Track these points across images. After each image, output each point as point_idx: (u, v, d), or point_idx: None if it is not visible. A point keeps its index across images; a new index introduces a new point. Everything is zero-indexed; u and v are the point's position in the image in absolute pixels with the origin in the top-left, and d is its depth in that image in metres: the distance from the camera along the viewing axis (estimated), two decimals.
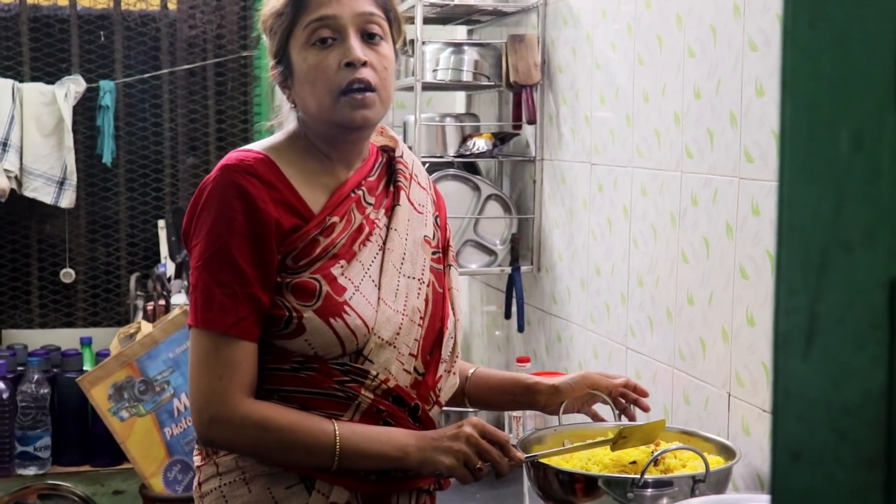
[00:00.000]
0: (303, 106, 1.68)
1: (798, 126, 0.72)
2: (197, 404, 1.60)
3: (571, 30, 2.72)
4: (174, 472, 2.87)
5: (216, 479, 1.67)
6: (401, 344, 1.67)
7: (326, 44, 1.63)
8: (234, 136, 4.04)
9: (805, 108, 0.71)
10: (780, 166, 0.73)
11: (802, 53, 0.71)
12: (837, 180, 0.69)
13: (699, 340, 2.11)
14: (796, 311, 0.72)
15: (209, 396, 1.58)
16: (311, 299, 1.60)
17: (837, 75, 0.69)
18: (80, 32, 3.90)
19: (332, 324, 1.60)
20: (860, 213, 0.67)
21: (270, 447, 1.60)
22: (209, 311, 1.58)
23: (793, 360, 0.72)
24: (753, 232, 1.93)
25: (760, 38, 1.90)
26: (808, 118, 0.71)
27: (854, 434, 0.68)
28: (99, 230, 3.98)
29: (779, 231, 0.73)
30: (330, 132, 1.68)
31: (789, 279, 0.72)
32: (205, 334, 1.59)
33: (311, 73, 1.64)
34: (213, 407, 1.58)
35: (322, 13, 1.63)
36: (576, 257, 2.72)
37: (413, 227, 1.75)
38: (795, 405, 0.72)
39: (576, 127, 2.71)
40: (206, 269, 1.58)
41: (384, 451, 1.62)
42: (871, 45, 0.66)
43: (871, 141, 0.66)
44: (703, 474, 1.70)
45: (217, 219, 1.59)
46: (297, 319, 1.60)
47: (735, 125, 1.98)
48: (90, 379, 2.88)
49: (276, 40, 1.68)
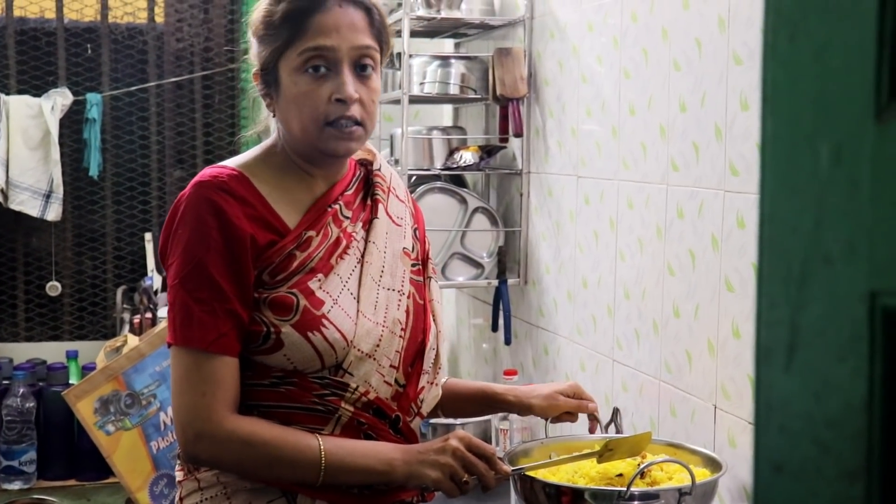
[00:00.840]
0: (286, 124, 1.68)
1: (779, 140, 0.72)
2: (181, 422, 1.59)
3: (558, 43, 2.73)
4: (160, 486, 2.86)
5: (197, 493, 1.67)
6: (381, 356, 1.67)
7: (319, 73, 1.62)
8: (222, 149, 4.04)
9: (785, 121, 0.71)
10: (762, 179, 0.73)
11: (783, 68, 0.71)
12: (818, 194, 0.69)
13: (685, 353, 2.11)
14: (778, 324, 0.72)
15: (193, 414, 1.58)
16: (288, 314, 1.60)
17: (817, 89, 0.69)
18: (67, 45, 3.90)
19: (311, 338, 1.60)
20: (840, 227, 0.67)
21: (256, 463, 1.60)
22: (188, 328, 1.57)
23: (775, 372, 0.72)
24: (739, 244, 1.94)
25: (745, 52, 1.91)
26: (789, 132, 0.71)
27: (836, 446, 0.68)
28: (85, 243, 3.97)
29: (760, 244, 0.73)
30: (311, 153, 1.68)
31: (771, 292, 0.73)
32: (185, 352, 1.59)
33: (300, 98, 1.62)
34: (197, 424, 1.58)
35: (320, 43, 1.61)
36: (562, 270, 2.72)
37: (392, 239, 1.75)
38: (778, 417, 0.72)
39: (562, 140, 2.72)
40: (184, 287, 1.58)
41: (370, 464, 1.62)
42: (850, 59, 0.67)
43: (851, 155, 0.67)
44: (689, 487, 1.70)
45: (192, 236, 1.58)
46: (275, 335, 1.59)
47: (720, 138, 1.99)
48: (76, 392, 2.87)
49: (265, 52, 1.66)
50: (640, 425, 2.29)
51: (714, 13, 2.01)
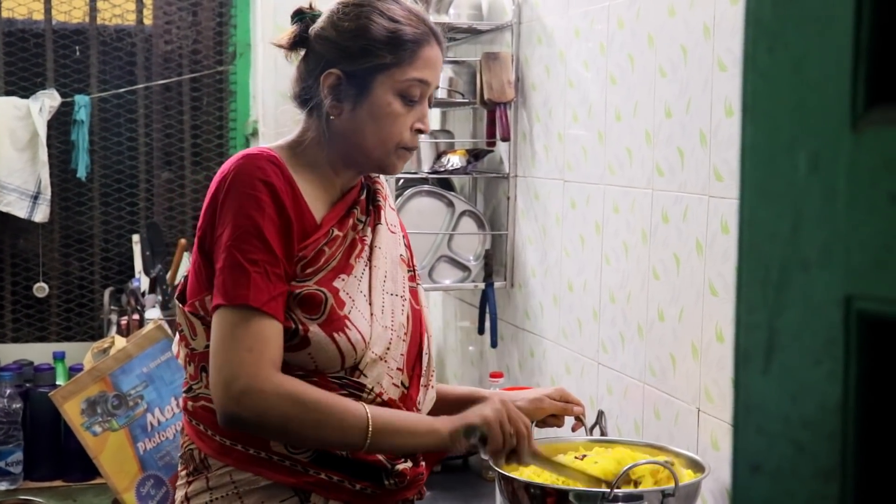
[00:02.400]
0: (353, 131, 1.69)
1: (758, 148, 0.74)
2: (225, 378, 1.55)
3: (545, 48, 2.75)
4: (147, 486, 2.87)
5: (206, 494, 1.67)
6: (390, 358, 1.70)
7: (408, 101, 1.69)
8: (210, 151, 4.05)
9: (764, 130, 0.73)
10: (741, 186, 0.75)
11: (762, 78, 0.73)
12: (795, 200, 0.71)
13: (669, 356, 2.13)
14: (756, 328, 0.74)
15: (238, 369, 1.54)
16: (316, 312, 1.61)
17: (795, 99, 0.71)
18: (56, 47, 3.90)
19: (336, 338, 1.62)
20: (817, 233, 0.69)
21: (302, 422, 1.57)
22: (242, 287, 1.56)
23: (753, 374, 0.74)
24: (723, 249, 1.96)
25: (730, 59, 1.93)
26: (768, 140, 0.73)
27: (811, 446, 0.70)
28: (73, 244, 3.97)
29: (739, 249, 0.75)
30: (359, 160, 1.72)
31: (749, 296, 0.74)
32: (235, 310, 1.56)
33: (388, 119, 1.68)
34: (243, 379, 1.54)
35: (425, 76, 1.70)
36: (548, 273, 2.74)
37: (391, 245, 1.78)
38: (755, 418, 0.74)
39: (549, 144, 2.73)
40: (237, 248, 1.57)
41: (415, 427, 1.64)
42: (827, 70, 0.69)
43: (828, 162, 0.68)
44: (672, 488, 1.72)
45: (245, 202, 1.58)
46: (302, 333, 1.61)
47: (705, 144, 2.01)
48: (63, 394, 2.88)
49: (365, 62, 1.67)
50: (624, 428, 2.31)
51: (699, 20, 2.03)
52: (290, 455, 1.65)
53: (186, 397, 1.73)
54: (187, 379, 1.72)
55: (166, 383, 2.91)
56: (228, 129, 4.03)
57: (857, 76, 0.67)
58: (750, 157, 0.74)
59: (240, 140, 4.00)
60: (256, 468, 1.65)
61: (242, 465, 1.65)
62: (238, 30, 3.97)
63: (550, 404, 1.90)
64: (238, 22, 3.97)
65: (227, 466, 1.66)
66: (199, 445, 1.69)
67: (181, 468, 1.74)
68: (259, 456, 1.65)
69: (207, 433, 1.68)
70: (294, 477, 1.64)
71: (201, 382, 1.68)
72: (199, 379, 1.69)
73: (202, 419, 1.69)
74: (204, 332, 1.66)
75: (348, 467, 1.66)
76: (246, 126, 3.97)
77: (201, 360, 1.68)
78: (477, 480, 2.62)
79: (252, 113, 3.94)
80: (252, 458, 1.65)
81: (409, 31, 1.68)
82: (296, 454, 1.65)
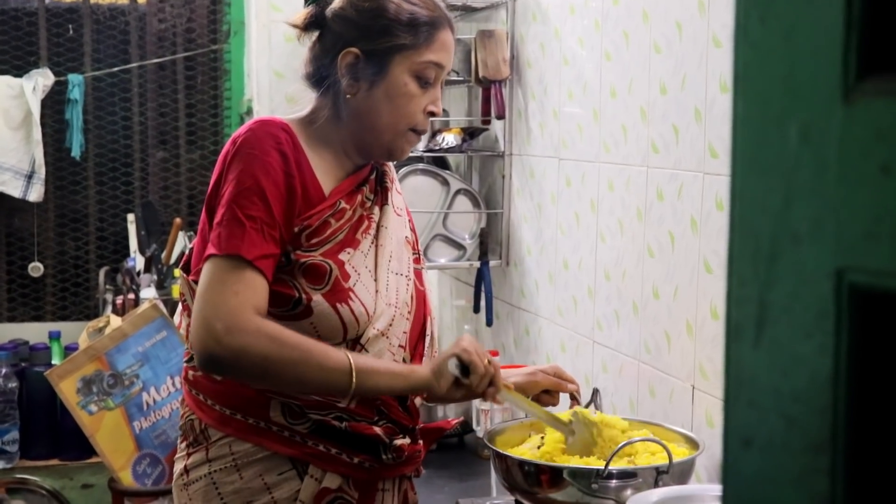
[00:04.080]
0: (368, 110, 1.71)
1: (749, 120, 0.73)
2: (207, 318, 1.54)
3: (540, 25, 2.74)
4: (143, 465, 2.87)
5: (205, 465, 1.68)
6: (392, 335, 1.71)
7: (425, 84, 1.71)
8: (205, 130, 4.03)
9: (756, 101, 0.73)
10: (732, 159, 0.74)
11: (753, 49, 0.72)
12: (786, 173, 0.70)
13: (664, 334, 2.13)
14: (747, 301, 0.73)
15: (223, 309, 1.54)
16: (320, 282, 1.63)
17: (787, 70, 0.70)
18: (49, 25, 3.88)
19: (339, 309, 1.63)
20: (808, 205, 0.69)
21: (283, 361, 1.56)
22: (237, 238, 1.56)
23: (744, 348, 0.74)
24: (717, 227, 1.96)
25: (725, 35, 1.92)
26: (759, 112, 0.72)
27: (802, 420, 0.69)
28: (68, 224, 3.96)
29: (731, 222, 0.75)
30: (370, 143, 1.73)
31: (740, 269, 0.74)
32: (226, 259, 1.56)
33: (403, 99, 1.70)
34: (226, 317, 1.53)
35: (440, 59, 1.72)
36: (544, 251, 2.74)
37: (397, 227, 1.80)
38: (746, 392, 0.74)
39: (544, 122, 2.72)
40: (237, 204, 1.58)
41: (394, 368, 1.65)
42: (819, 41, 0.68)
43: (819, 134, 0.68)
44: (666, 465, 1.72)
45: (252, 162, 1.60)
46: (305, 302, 1.62)
47: (700, 120, 2.00)
48: (59, 373, 2.88)
49: (384, 41, 1.69)
50: (619, 405, 2.31)
51: None
52: (290, 426, 1.65)
53: (187, 366, 1.73)
54: (188, 348, 1.72)
55: (162, 362, 2.91)
56: (223, 108, 4.02)
57: (848, 46, 0.66)
58: (741, 129, 0.73)
59: (234, 119, 3.99)
60: (256, 438, 1.65)
61: (242, 435, 1.66)
62: (232, 8, 3.95)
63: (543, 377, 1.91)
64: (232, 0, 3.95)
65: (227, 437, 1.66)
66: (199, 415, 1.69)
67: (180, 440, 1.75)
68: (259, 426, 1.65)
69: (207, 403, 1.68)
70: (293, 447, 1.65)
71: None
72: None
73: (203, 389, 1.69)
74: None
75: (347, 440, 1.67)
76: (241, 104, 3.95)
77: None
78: (473, 459, 2.62)
79: (246, 91, 3.93)
80: (252, 427, 1.66)
81: (427, 14, 1.71)
82: (295, 424, 1.65)
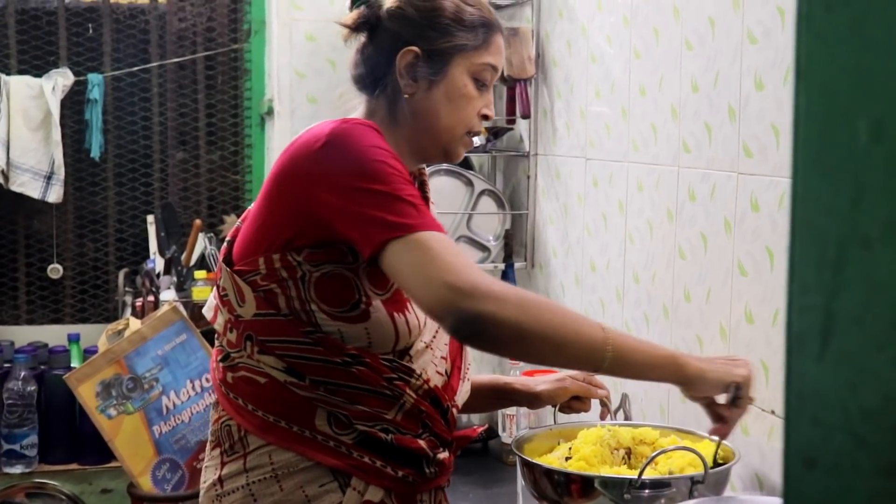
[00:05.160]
0: (427, 111, 1.66)
1: (813, 115, 0.68)
2: (444, 282, 1.41)
3: (566, 23, 2.69)
4: (162, 470, 2.84)
5: (243, 476, 1.61)
6: (436, 347, 1.67)
7: (482, 86, 1.69)
8: (225, 131, 4.00)
9: (821, 96, 0.68)
10: (794, 158, 0.69)
11: (818, 39, 0.67)
12: (855, 172, 0.65)
13: (696, 338, 2.08)
14: (811, 310, 0.68)
15: (456, 269, 1.43)
16: (384, 288, 1.59)
17: (855, 62, 0.65)
18: (68, 25, 3.85)
19: (395, 318, 1.59)
20: (879, 207, 0.64)
21: (539, 315, 1.45)
22: (422, 216, 1.48)
23: (807, 361, 0.69)
24: (752, 227, 1.90)
25: (760, 31, 1.87)
26: (824, 107, 0.67)
27: (873, 439, 0.64)
28: (87, 225, 3.93)
29: (792, 225, 0.70)
30: (427, 144, 1.69)
31: (803, 276, 0.69)
32: (429, 233, 1.46)
33: (462, 101, 1.67)
34: (467, 275, 1.43)
35: (496, 62, 1.69)
36: (570, 253, 2.68)
37: None
38: (810, 409, 0.68)
39: (570, 121, 2.67)
40: (389, 185, 1.49)
41: (654, 350, 1.57)
42: (891, 29, 0.63)
43: (892, 130, 0.63)
44: (701, 475, 1.67)
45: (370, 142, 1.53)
46: (364, 305, 1.57)
47: (734, 119, 1.95)
48: (78, 376, 2.84)
49: (447, 41, 1.66)
50: (649, 412, 2.25)
51: None
52: (336, 436, 1.59)
53: (224, 367, 1.65)
54: (223, 347, 1.65)
55: (182, 366, 2.87)
56: (243, 108, 3.98)
57: None
58: (804, 125, 0.68)
59: (255, 119, 3.95)
60: (299, 447, 1.59)
61: (285, 444, 1.59)
62: (253, 7, 3.92)
63: (573, 384, 1.85)
64: None
65: (269, 445, 1.60)
66: (238, 421, 1.63)
67: (211, 446, 1.68)
68: (303, 434, 1.59)
69: (248, 408, 1.61)
70: (337, 458, 1.59)
71: (244, 351, 1.61)
72: (241, 347, 1.62)
73: (242, 393, 1.62)
74: (254, 300, 1.59)
75: (391, 453, 1.61)
76: (261, 105, 3.92)
77: (247, 329, 1.60)
78: (497, 465, 2.57)
79: (267, 91, 3.89)
80: (296, 436, 1.59)
81: (484, 16, 1.69)
82: (341, 435, 1.59)
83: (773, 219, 1.84)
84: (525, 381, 1.90)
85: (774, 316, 1.84)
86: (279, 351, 1.59)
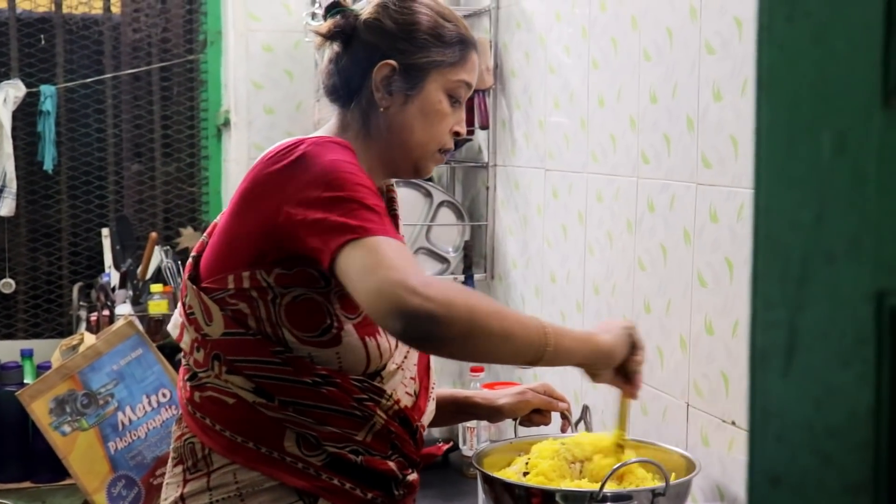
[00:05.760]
0: (401, 126, 1.64)
1: (776, 128, 0.67)
2: (397, 278, 1.38)
3: (524, 33, 2.68)
4: (118, 487, 2.79)
5: (206, 494, 1.58)
6: (406, 367, 1.65)
7: (455, 103, 1.68)
8: (181, 142, 3.96)
9: (783, 108, 0.67)
10: (756, 171, 0.68)
11: (780, 51, 0.66)
12: (819, 186, 0.64)
13: (657, 349, 2.07)
14: (775, 326, 0.67)
15: (405, 269, 1.39)
16: (355, 312, 1.56)
17: (818, 74, 0.64)
18: (20, 35, 3.79)
19: (367, 342, 1.56)
20: (844, 221, 0.63)
21: (486, 309, 1.43)
22: (380, 224, 1.45)
23: (771, 377, 0.67)
24: (711, 238, 1.90)
25: (718, 42, 1.87)
26: (787, 120, 0.66)
27: (839, 457, 0.63)
28: (40, 239, 3.87)
29: (755, 240, 0.69)
30: (398, 159, 1.66)
31: (767, 291, 0.68)
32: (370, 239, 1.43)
33: (437, 116, 1.65)
34: (415, 275, 1.39)
35: (471, 79, 1.68)
36: (530, 265, 2.67)
37: None
38: (774, 426, 0.67)
39: (529, 132, 2.67)
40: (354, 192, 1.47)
41: (576, 333, 1.57)
42: (854, 40, 0.62)
43: (856, 143, 0.62)
44: (662, 487, 1.66)
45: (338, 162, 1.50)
46: (336, 329, 1.54)
47: (692, 130, 1.95)
48: (30, 392, 2.79)
49: (423, 56, 1.64)
50: (610, 424, 2.24)
51: (685, 1, 1.96)
52: (304, 457, 1.56)
53: (192, 386, 1.61)
54: (190, 366, 1.62)
55: (137, 381, 2.83)
56: (200, 120, 3.94)
57: (889, 46, 0.60)
58: (767, 138, 0.67)
59: (211, 130, 3.91)
60: (266, 468, 1.56)
61: (251, 464, 1.56)
62: (209, 17, 3.88)
63: (535, 396, 1.84)
64: (208, 10, 3.88)
65: (233, 464, 1.57)
66: (202, 440, 1.59)
67: (173, 463, 1.64)
68: (271, 456, 1.56)
69: (215, 428, 1.58)
70: (305, 480, 1.56)
71: (211, 371, 1.58)
72: (208, 367, 1.58)
73: (209, 412, 1.59)
74: (222, 319, 1.56)
75: (361, 475, 1.59)
76: (218, 116, 3.88)
77: (215, 348, 1.57)
78: (458, 478, 2.55)
79: (224, 102, 3.85)
80: (263, 457, 1.56)
81: (463, 33, 1.68)
82: (309, 456, 1.56)
83: (733, 229, 1.83)
84: (486, 395, 1.88)
85: (734, 326, 1.84)
86: (248, 371, 1.55)
